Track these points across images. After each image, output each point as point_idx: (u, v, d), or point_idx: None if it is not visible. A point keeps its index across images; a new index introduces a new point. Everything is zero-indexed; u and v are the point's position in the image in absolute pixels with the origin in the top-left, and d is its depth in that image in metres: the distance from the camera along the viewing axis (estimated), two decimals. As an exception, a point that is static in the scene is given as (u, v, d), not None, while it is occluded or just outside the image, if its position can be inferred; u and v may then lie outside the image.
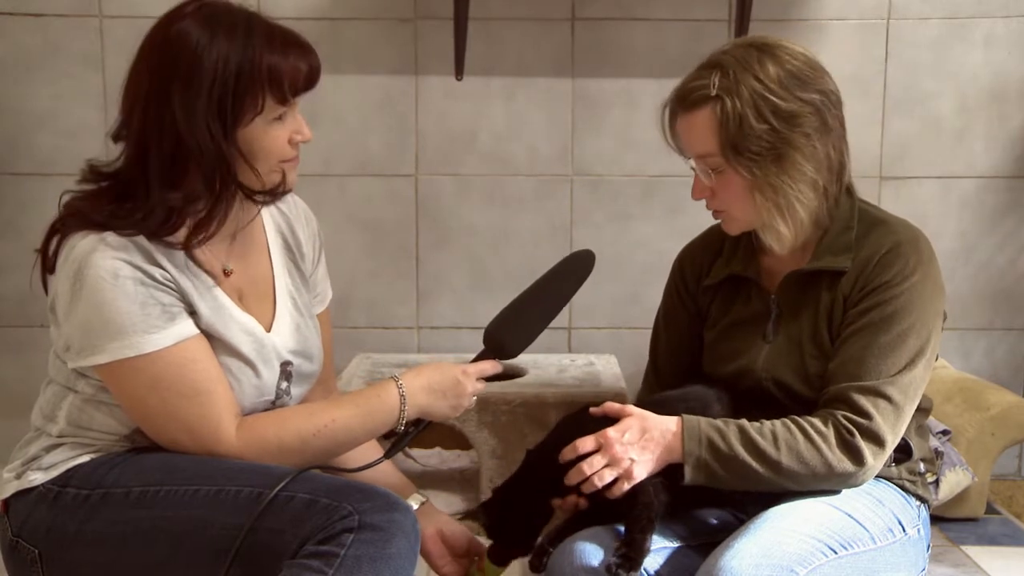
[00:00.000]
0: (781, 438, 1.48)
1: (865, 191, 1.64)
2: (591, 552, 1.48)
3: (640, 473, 1.48)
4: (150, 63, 1.44)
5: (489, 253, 2.80)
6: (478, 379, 1.54)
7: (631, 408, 1.53)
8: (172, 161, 1.42)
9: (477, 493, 2.42)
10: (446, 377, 1.52)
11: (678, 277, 1.78)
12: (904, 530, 1.56)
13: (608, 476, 1.47)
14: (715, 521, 1.62)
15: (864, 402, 1.49)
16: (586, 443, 1.49)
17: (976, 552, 2.28)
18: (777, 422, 1.51)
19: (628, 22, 2.72)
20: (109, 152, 1.49)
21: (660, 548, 1.53)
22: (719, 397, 1.61)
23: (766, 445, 1.48)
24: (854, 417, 1.49)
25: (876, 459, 1.50)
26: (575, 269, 1.62)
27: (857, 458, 1.48)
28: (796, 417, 1.51)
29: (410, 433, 1.53)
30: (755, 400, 1.60)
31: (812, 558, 1.42)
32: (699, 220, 1.78)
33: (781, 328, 1.62)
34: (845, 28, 2.73)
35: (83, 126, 2.66)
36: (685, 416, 1.52)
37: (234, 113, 1.42)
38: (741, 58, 1.55)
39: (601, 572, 1.45)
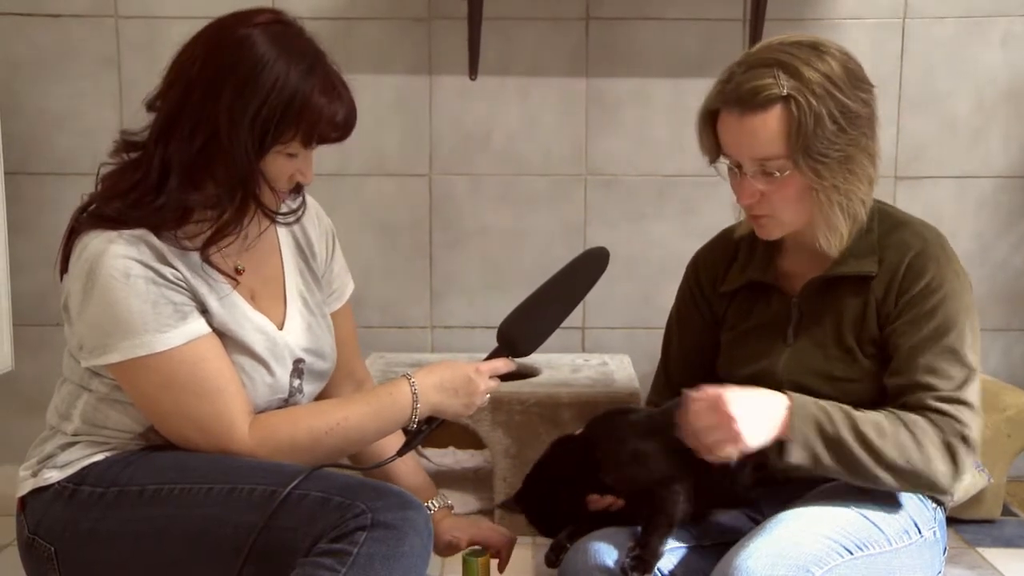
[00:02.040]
0: (887, 429, 1.47)
1: (880, 191, 1.63)
2: (606, 552, 1.48)
3: (753, 445, 1.43)
4: (205, 53, 1.43)
5: (503, 253, 2.80)
6: (491, 377, 1.54)
7: (731, 387, 1.47)
8: (199, 155, 1.42)
9: (491, 493, 2.42)
10: (458, 375, 1.52)
11: (693, 282, 1.76)
12: (920, 532, 1.55)
13: (725, 450, 1.42)
14: (729, 522, 1.61)
15: (953, 410, 1.49)
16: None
17: (992, 554, 2.27)
18: (880, 413, 1.49)
19: (642, 21, 2.71)
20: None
21: (674, 548, 1.52)
22: None
23: (871, 432, 1.46)
24: (952, 423, 1.48)
25: (968, 462, 1.50)
26: (589, 266, 1.61)
27: (954, 459, 1.48)
28: (897, 411, 1.49)
29: (422, 431, 1.53)
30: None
31: (828, 558, 1.41)
32: (714, 220, 1.78)
33: (802, 331, 1.61)
34: (860, 27, 2.71)
35: (99, 126, 2.67)
36: (794, 394, 1.49)
37: (273, 136, 1.43)
38: (803, 57, 1.48)
39: (615, 572, 1.45)
